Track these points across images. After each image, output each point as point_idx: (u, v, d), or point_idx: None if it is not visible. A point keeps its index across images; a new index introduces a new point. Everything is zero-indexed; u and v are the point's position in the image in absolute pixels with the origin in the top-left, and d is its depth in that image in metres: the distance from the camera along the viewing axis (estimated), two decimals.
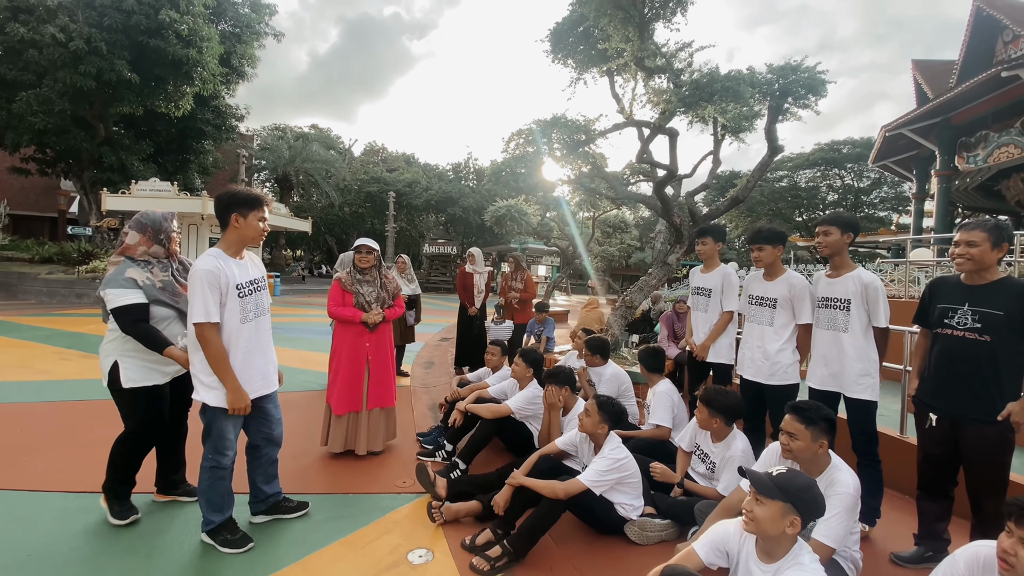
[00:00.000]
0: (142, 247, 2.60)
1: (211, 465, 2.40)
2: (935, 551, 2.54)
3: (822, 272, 3.07)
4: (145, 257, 2.61)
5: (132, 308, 2.47)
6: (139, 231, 2.60)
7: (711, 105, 4.57)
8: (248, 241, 2.42)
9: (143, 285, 2.51)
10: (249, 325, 2.40)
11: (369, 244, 3.68)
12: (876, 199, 31.64)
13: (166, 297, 2.58)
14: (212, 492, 2.42)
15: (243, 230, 2.37)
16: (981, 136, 14.28)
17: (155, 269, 2.61)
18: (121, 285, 2.48)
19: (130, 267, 2.54)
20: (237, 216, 2.35)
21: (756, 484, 1.70)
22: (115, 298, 2.46)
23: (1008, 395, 2.30)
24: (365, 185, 33.44)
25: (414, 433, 4.18)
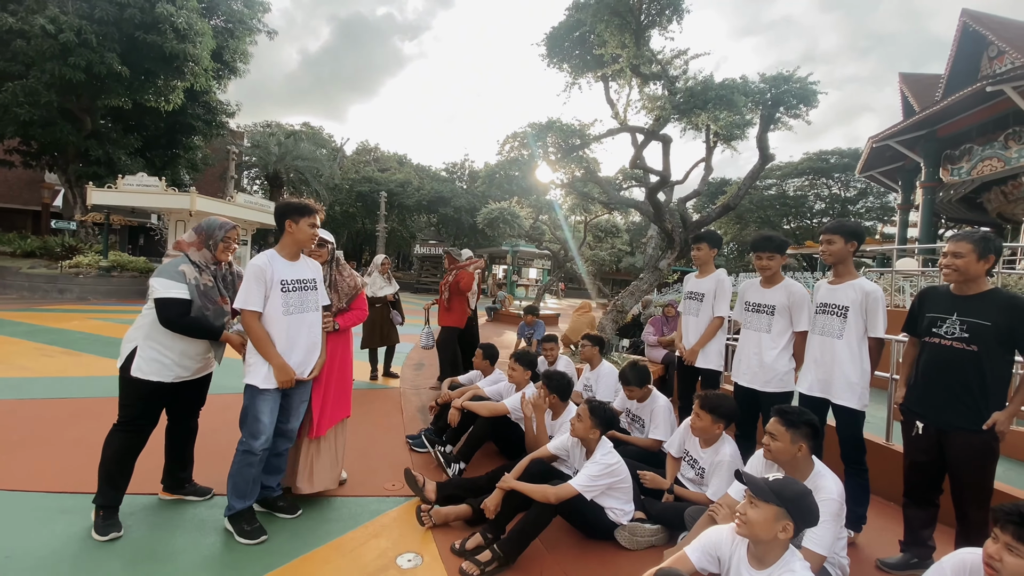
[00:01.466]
0: (193, 247, 2.69)
1: (244, 449, 2.55)
2: (920, 558, 2.57)
3: (824, 280, 3.09)
4: (198, 258, 2.67)
5: (176, 303, 2.54)
6: (196, 232, 2.73)
7: (704, 113, 4.62)
8: (301, 244, 2.68)
9: (190, 283, 2.57)
10: (290, 318, 2.62)
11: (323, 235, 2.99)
12: (862, 209, 32.17)
13: (204, 301, 2.62)
14: (239, 476, 2.56)
15: (295, 234, 2.64)
16: (965, 149, 14.58)
17: (204, 273, 2.66)
18: (172, 277, 2.54)
19: (184, 263, 2.61)
20: (290, 222, 2.63)
21: (752, 488, 1.71)
22: (163, 289, 2.52)
23: (993, 404, 2.34)
24: (356, 184, 33.25)
25: (403, 436, 4.15)
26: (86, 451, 3.39)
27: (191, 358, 2.65)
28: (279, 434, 2.73)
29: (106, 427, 2.64)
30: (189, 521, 2.69)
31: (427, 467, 3.54)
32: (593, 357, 4.31)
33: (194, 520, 2.70)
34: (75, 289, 13.53)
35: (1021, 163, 12.59)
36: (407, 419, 4.70)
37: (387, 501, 3.05)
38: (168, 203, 14.30)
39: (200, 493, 2.92)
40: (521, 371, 3.69)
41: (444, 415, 3.95)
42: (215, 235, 2.70)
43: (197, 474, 3.00)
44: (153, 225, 20.21)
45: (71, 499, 2.80)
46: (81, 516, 2.62)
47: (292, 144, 30.29)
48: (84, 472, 3.09)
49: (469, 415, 3.63)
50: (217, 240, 2.70)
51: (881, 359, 2.92)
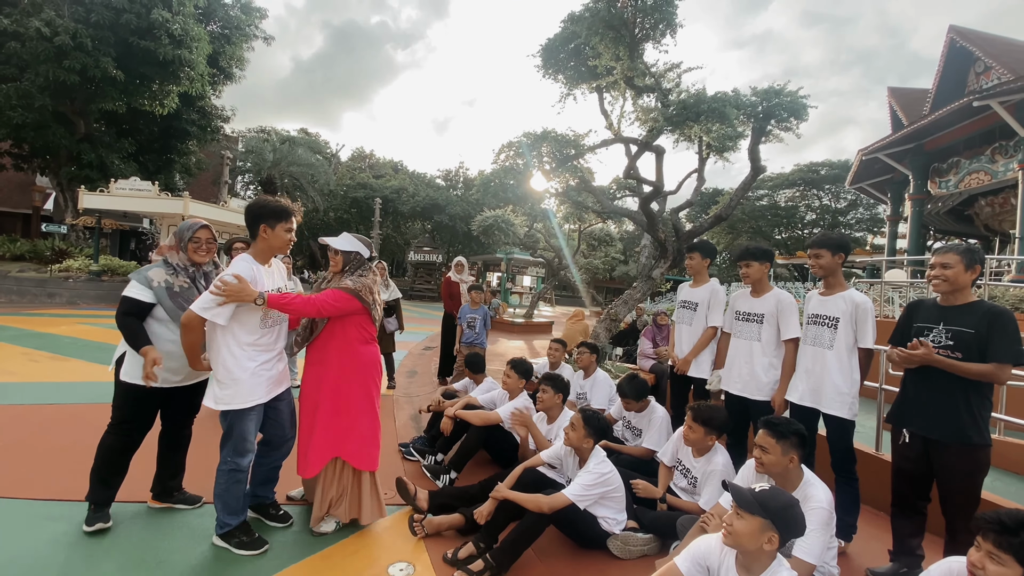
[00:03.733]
0: (172, 251, 2.72)
1: (230, 468, 2.46)
2: (909, 567, 2.59)
3: (815, 291, 3.14)
4: (175, 261, 2.70)
5: (129, 301, 2.58)
6: (175, 236, 2.76)
7: (697, 125, 4.68)
8: (275, 251, 2.54)
9: (155, 287, 2.60)
10: (268, 330, 2.51)
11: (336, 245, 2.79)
12: (852, 220, 32.54)
13: (177, 302, 2.61)
14: (228, 495, 2.48)
15: (270, 240, 2.48)
16: (953, 162, 14.84)
17: (181, 275, 2.68)
18: (138, 280, 2.62)
19: (156, 267, 2.68)
20: (265, 227, 2.45)
21: (737, 499, 1.72)
22: (128, 287, 2.63)
23: (977, 411, 2.37)
24: (351, 191, 33.27)
25: (395, 444, 4.13)
26: (73, 457, 3.37)
27: (174, 361, 2.59)
28: (276, 447, 2.69)
29: (94, 433, 2.68)
30: (179, 529, 2.67)
31: (420, 475, 3.53)
32: (589, 365, 4.32)
33: (185, 528, 2.67)
34: (64, 293, 13.38)
35: (1007, 176, 12.83)
36: (399, 427, 4.69)
37: None
38: (161, 207, 14.23)
39: (190, 501, 2.90)
40: (516, 378, 3.69)
41: (437, 423, 3.95)
42: (183, 236, 2.72)
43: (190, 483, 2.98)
44: (145, 229, 20.08)
45: (59, 506, 2.77)
46: (69, 523, 2.59)
47: (287, 150, 30.29)
48: (72, 479, 3.06)
49: (462, 423, 3.62)
50: (185, 241, 2.71)
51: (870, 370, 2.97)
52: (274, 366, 2.57)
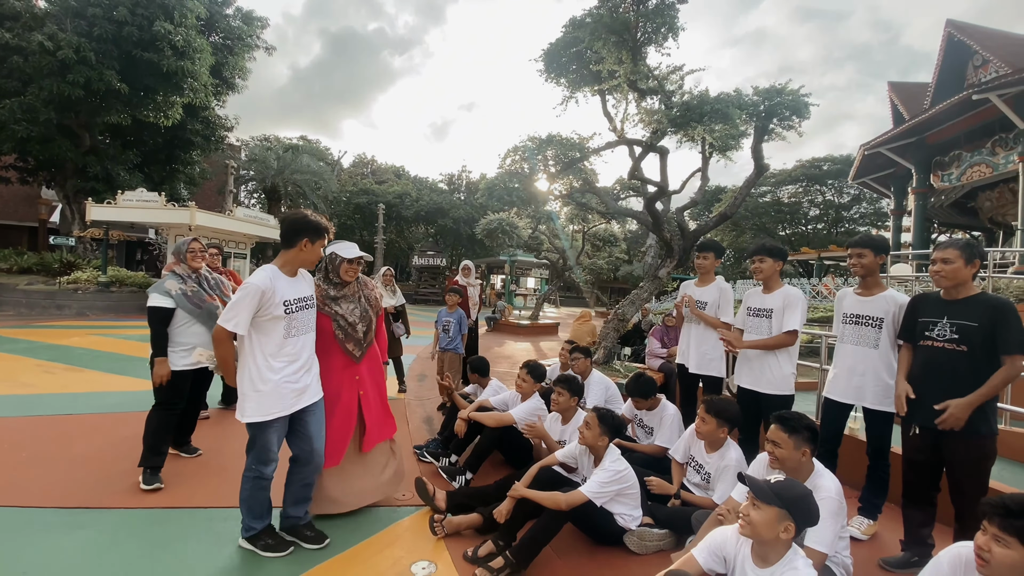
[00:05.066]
0: (176, 266, 3.52)
1: (254, 475, 2.53)
2: (920, 556, 2.63)
3: (849, 289, 3.19)
4: (181, 271, 3.48)
5: (157, 310, 3.31)
6: (173, 254, 3.59)
7: (700, 126, 4.75)
8: (307, 265, 2.61)
9: (175, 295, 3.35)
10: (293, 340, 2.52)
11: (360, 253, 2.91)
12: (856, 215, 32.49)
13: (192, 303, 3.41)
14: (253, 500, 2.55)
15: (307, 254, 2.54)
16: (955, 156, 14.85)
17: (189, 282, 3.48)
18: (159, 291, 3.34)
19: (170, 279, 3.42)
20: (307, 241, 2.51)
21: (754, 490, 1.78)
22: (151, 299, 3.33)
23: (991, 404, 2.42)
24: (354, 197, 33.44)
25: (411, 446, 4.19)
26: (94, 466, 3.47)
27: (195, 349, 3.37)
28: (304, 463, 2.64)
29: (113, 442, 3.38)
30: (205, 532, 2.73)
31: (436, 476, 3.59)
32: (585, 369, 4.33)
33: (211, 532, 2.74)
34: (73, 305, 13.51)
35: (1008, 169, 12.84)
36: (413, 430, 4.75)
37: (399, 511, 3.09)
38: (168, 218, 14.34)
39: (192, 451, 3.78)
40: (531, 383, 3.75)
41: (450, 425, 4.01)
42: (181, 250, 3.56)
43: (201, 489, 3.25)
44: (151, 240, 20.24)
45: (83, 514, 2.84)
46: (94, 531, 2.66)
47: (291, 158, 30.47)
48: (96, 487, 3.16)
49: (475, 425, 3.68)
50: (183, 254, 3.54)
51: None
52: (300, 378, 2.54)
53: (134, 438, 3.98)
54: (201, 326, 3.42)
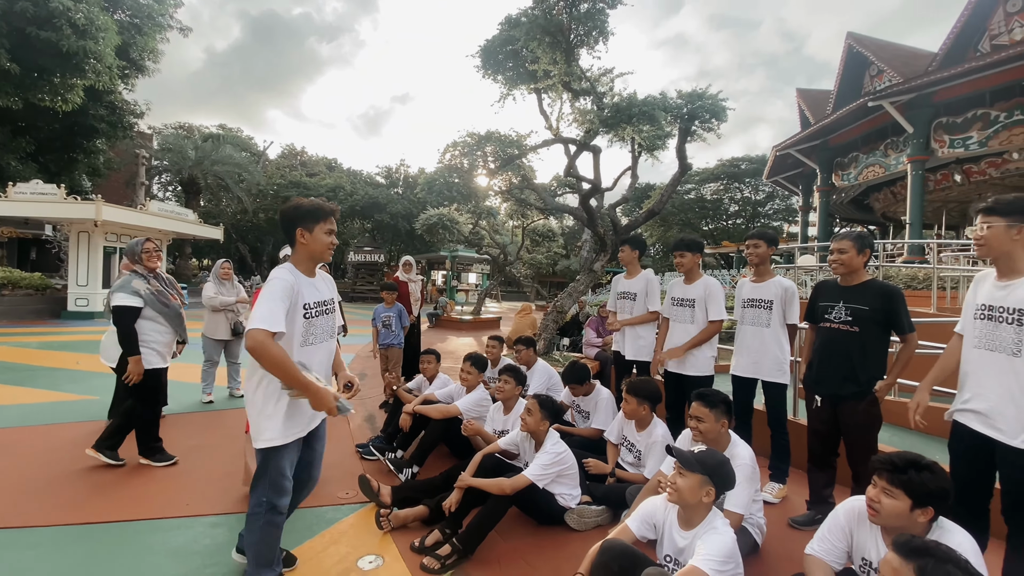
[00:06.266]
0: (134, 266, 3.53)
1: (267, 509, 2.11)
2: (823, 513, 2.95)
3: (746, 279, 3.55)
4: (142, 271, 3.52)
5: (128, 309, 3.37)
6: (126, 255, 3.61)
7: (630, 126, 5.00)
8: (318, 257, 2.23)
9: (144, 294, 3.43)
10: (310, 349, 2.20)
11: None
12: (770, 211, 35.17)
13: (160, 303, 3.51)
14: (263, 544, 2.14)
15: (310, 245, 2.19)
16: (853, 157, 16.45)
17: (151, 280, 3.54)
18: (126, 291, 3.38)
19: (136, 279, 3.46)
20: (302, 231, 2.17)
21: (680, 459, 1.96)
22: (117, 299, 3.35)
23: (874, 375, 2.78)
24: (282, 190, 31.74)
25: (352, 446, 4.14)
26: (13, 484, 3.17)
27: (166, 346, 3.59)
28: (300, 488, 2.36)
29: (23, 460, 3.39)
30: (146, 548, 2.58)
31: (380, 473, 3.57)
32: (529, 359, 4.48)
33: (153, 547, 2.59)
34: None
35: (898, 169, 14.41)
36: (354, 429, 4.68)
37: (342, 509, 3.07)
38: (69, 213, 12.98)
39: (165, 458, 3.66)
40: (475, 374, 3.82)
41: (393, 421, 4.00)
42: (136, 251, 3.55)
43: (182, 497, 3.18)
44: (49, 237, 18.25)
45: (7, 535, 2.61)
46: (34, 549, 2.49)
47: (211, 147, 28.45)
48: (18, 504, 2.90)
49: (420, 419, 3.70)
50: (138, 254, 3.54)
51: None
52: None
53: (48, 452, 3.69)
54: (167, 326, 3.57)
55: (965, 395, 2.18)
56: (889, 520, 1.74)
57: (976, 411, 2.11)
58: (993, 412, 2.04)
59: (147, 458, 3.59)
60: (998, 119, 11.92)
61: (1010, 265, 2.06)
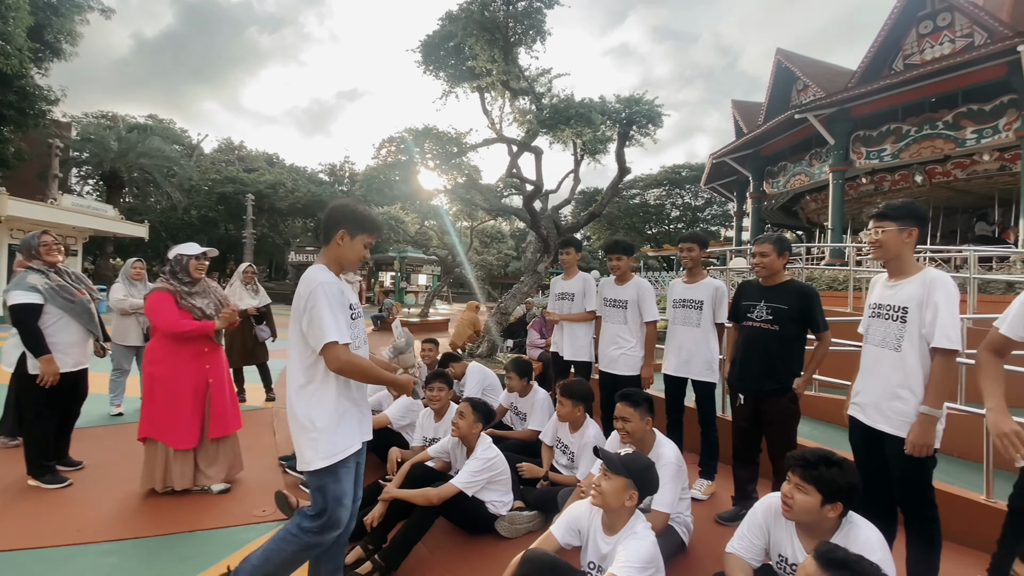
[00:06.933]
0: (30, 262, 3.24)
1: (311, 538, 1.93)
2: (747, 508, 3.04)
3: (678, 279, 3.60)
4: (40, 267, 3.23)
5: (26, 307, 3.10)
6: (21, 252, 3.32)
7: (568, 128, 5.02)
8: (347, 264, 2.10)
9: (43, 289, 3.15)
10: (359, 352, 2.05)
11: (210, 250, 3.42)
12: (709, 215, 36.84)
13: (63, 298, 3.23)
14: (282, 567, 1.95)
15: (344, 250, 2.05)
16: (782, 166, 17.49)
17: (52, 275, 3.25)
18: (21, 288, 3.11)
19: (32, 274, 3.19)
20: (344, 234, 2.03)
21: (606, 462, 1.93)
22: (13, 298, 3.09)
23: (793, 372, 2.89)
24: (217, 185, 29.96)
25: (275, 458, 3.88)
26: None
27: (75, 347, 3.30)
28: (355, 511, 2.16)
29: None
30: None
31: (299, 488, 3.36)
32: (460, 371, 4.36)
33: None
34: None
35: (821, 178, 15.43)
36: (281, 440, 4.40)
37: (257, 528, 2.86)
38: None
39: (73, 464, 3.54)
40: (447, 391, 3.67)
41: None
42: (32, 246, 3.26)
43: None
44: None
45: None
46: None
47: (136, 139, 26.42)
48: None
49: None
50: (35, 248, 3.25)
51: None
52: (364, 399, 2.13)
53: None
54: (76, 323, 3.32)
55: (857, 389, 2.31)
56: (801, 515, 1.77)
57: (865, 404, 2.23)
58: (880, 405, 2.15)
59: (36, 479, 3.23)
60: (909, 133, 13.00)
61: (900, 266, 2.19)
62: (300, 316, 1.92)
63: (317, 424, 1.91)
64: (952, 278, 2.15)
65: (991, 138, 11.74)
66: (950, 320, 1.99)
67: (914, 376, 2.07)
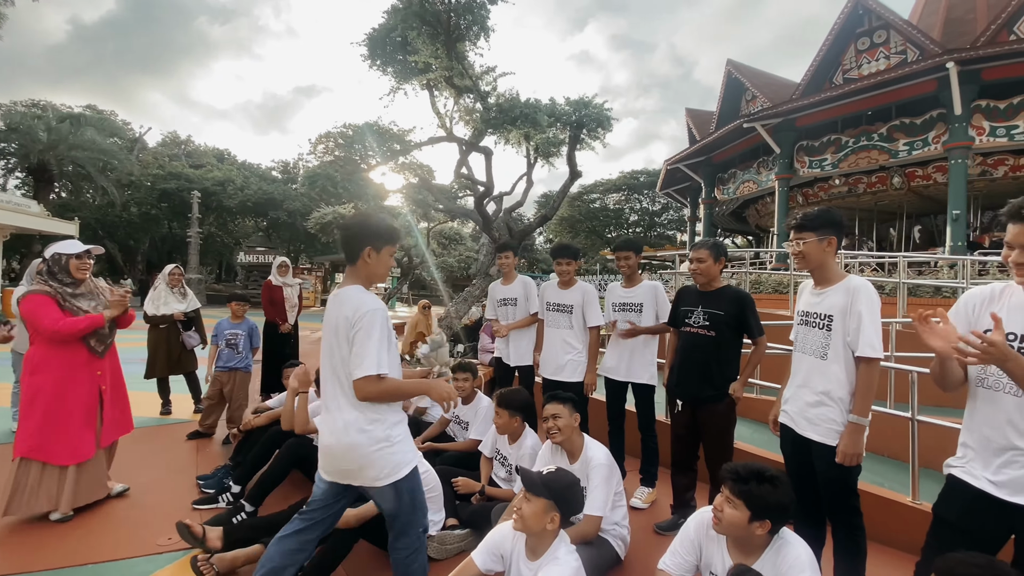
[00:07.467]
0: None
1: (424, 534, 2.04)
2: (685, 516, 3.01)
3: (616, 283, 3.56)
4: None
5: None
6: None
7: (515, 128, 4.93)
8: (377, 280, 2.07)
9: None
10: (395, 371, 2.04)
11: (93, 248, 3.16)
12: (666, 220, 37.84)
13: None
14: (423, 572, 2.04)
15: (373, 267, 1.98)
16: (731, 173, 18.10)
17: None
18: None
19: None
20: (370, 251, 1.95)
21: (525, 482, 1.81)
22: None
23: (729, 377, 2.87)
24: (160, 181, 28.26)
25: (193, 477, 3.57)
26: None
27: None
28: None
29: None
30: None
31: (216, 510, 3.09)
32: None
33: None
34: None
35: (768, 185, 16.04)
36: (203, 457, 4.08)
37: (158, 559, 2.58)
38: None
39: None
40: None
41: (244, 449, 3.51)
42: None
43: None
44: None
45: None
46: None
47: (69, 130, 24.64)
48: None
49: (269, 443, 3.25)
50: None
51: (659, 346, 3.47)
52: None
53: None
54: None
55: (786, 397, 2.30)
56: (729, 530, 1.73)
57: (793, 413, 2.22)
58: (808, 413, 2.14)
59: None
60: (847, 144, 13.68)
61: (824, 275, 2.19)
62: (344, 341, 1.88)
63: (389, 436, 1.92)
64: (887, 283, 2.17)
65: (921, 150, 12.49)
66: (872, 329, 2.00)
67: (839, 384, 2.07)
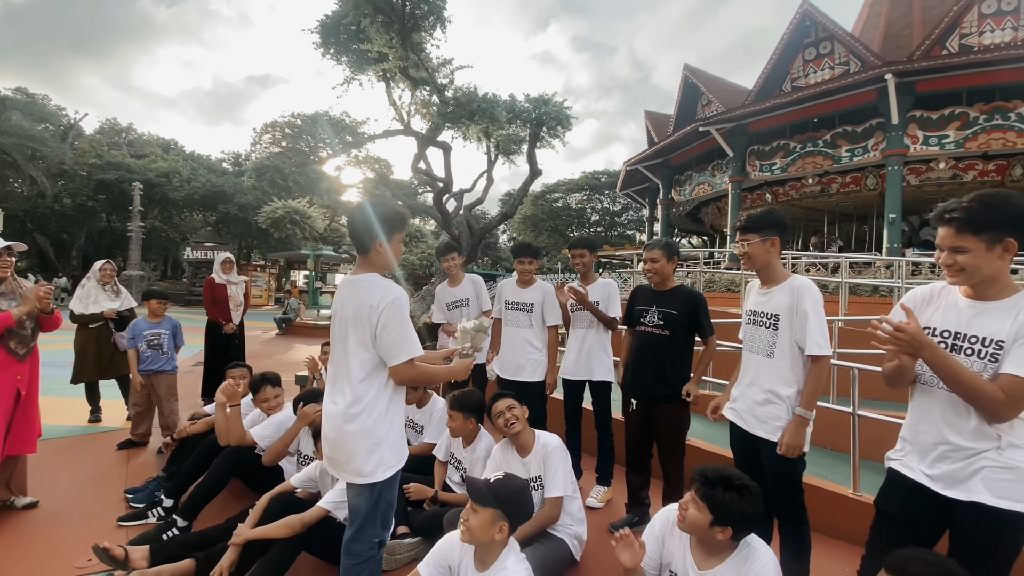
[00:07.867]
0: None
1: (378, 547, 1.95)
2: (640, 515, 3.04)
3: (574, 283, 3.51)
4: None
5: None
6: None
7: (473, 123, 4.83)
8: (390, 267, 2.04)
9: None
10: None
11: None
12: (626, 220, 38.58)
13: None
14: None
15: (386, 256, 1.95)
16: (688, 175, 18.61)
17: None
18: None
19: None
20: (380, 243, 1.91)
21: (472, 492, 1.74)
22: None
23: (682, 377, 2.89)
24: (97, 171, 26.45)
25: (121, 491, 3.29)
26: None
27: None
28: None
29: None
30: None
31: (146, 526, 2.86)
32: None
33: None
34: None
35: (722, 188, 16.57)
36: (135, 468, 3.79)
37: None
38: None
39: None
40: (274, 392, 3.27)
41: (179, 458, 3.28)
42: None
43: None
44: None
45: None
46: None
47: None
48: None
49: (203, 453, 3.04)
50: None
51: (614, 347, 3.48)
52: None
53: None
54: None
55: (735, 395, 2.33)
56: (691, 529, 1.75)
57: (742, 410, 2.26)
58: (756, 410, 2.17)
59: None
60: (795, 149, 14.30)
61: (770, 274, 2.23)
62: (365, 326, 1.83)
63: (380, 434, 1.87)
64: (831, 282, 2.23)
65: (862, 156, 13.19)
66: (819, 328, 2.04)
67: (785, 382, 2.11)
